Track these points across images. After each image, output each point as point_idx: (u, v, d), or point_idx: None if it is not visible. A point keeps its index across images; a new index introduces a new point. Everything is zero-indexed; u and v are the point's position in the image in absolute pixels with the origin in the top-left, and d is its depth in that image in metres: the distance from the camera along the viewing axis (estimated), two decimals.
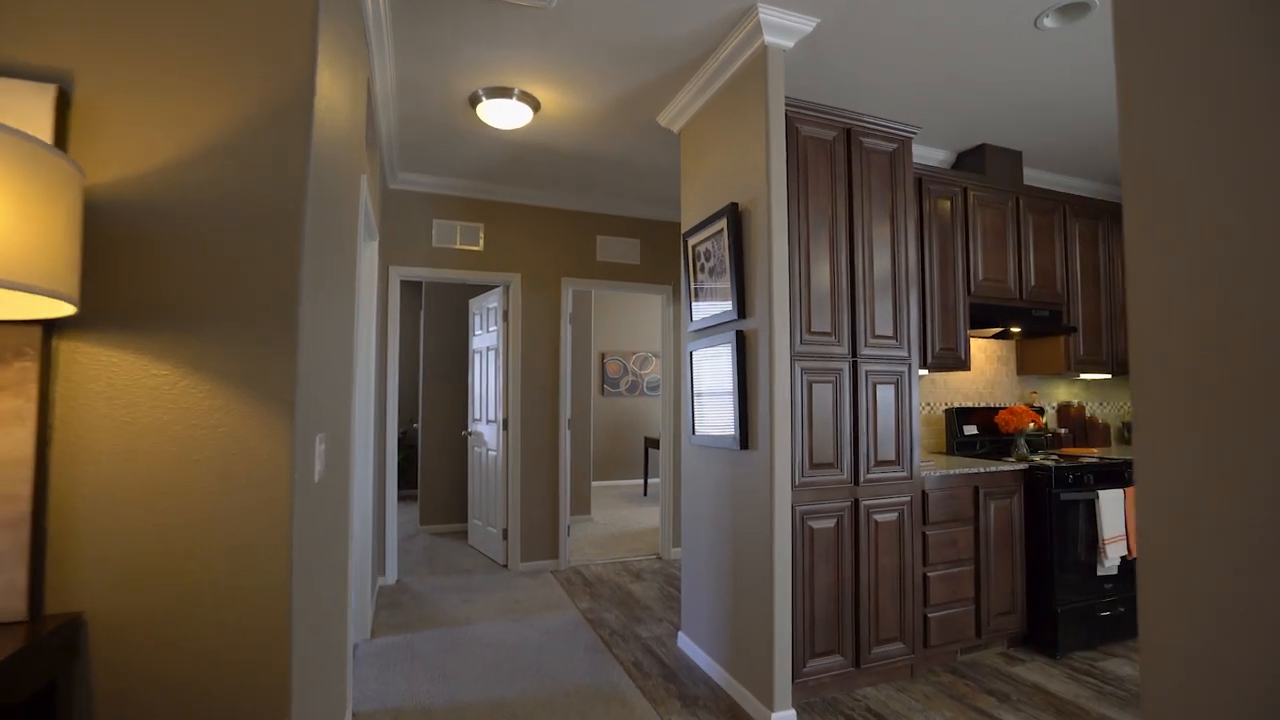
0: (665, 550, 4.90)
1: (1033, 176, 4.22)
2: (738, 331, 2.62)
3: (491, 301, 4.89)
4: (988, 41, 2.63)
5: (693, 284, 3.06)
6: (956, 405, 3.85)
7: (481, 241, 4.50)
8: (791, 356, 2.53)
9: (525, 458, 4.54)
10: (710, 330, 2.91)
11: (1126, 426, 4.43)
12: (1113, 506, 3.09)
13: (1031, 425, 3.50)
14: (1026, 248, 3.69)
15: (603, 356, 8.55)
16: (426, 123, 3.46)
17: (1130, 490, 3.17)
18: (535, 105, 3.17)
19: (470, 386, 5.32)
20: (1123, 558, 3.15)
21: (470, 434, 5.28)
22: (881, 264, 2.78)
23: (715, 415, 2.82)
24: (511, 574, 4.42)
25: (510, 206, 4.59)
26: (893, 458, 2.74)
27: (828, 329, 2.63)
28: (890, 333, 2.78)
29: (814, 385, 2.59)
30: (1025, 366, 4.08)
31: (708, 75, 2.81)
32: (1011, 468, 3.08)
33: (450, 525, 5.96)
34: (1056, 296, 3.79)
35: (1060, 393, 4.31)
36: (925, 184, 3.40)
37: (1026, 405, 3.70)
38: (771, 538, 2.40)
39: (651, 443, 7.62)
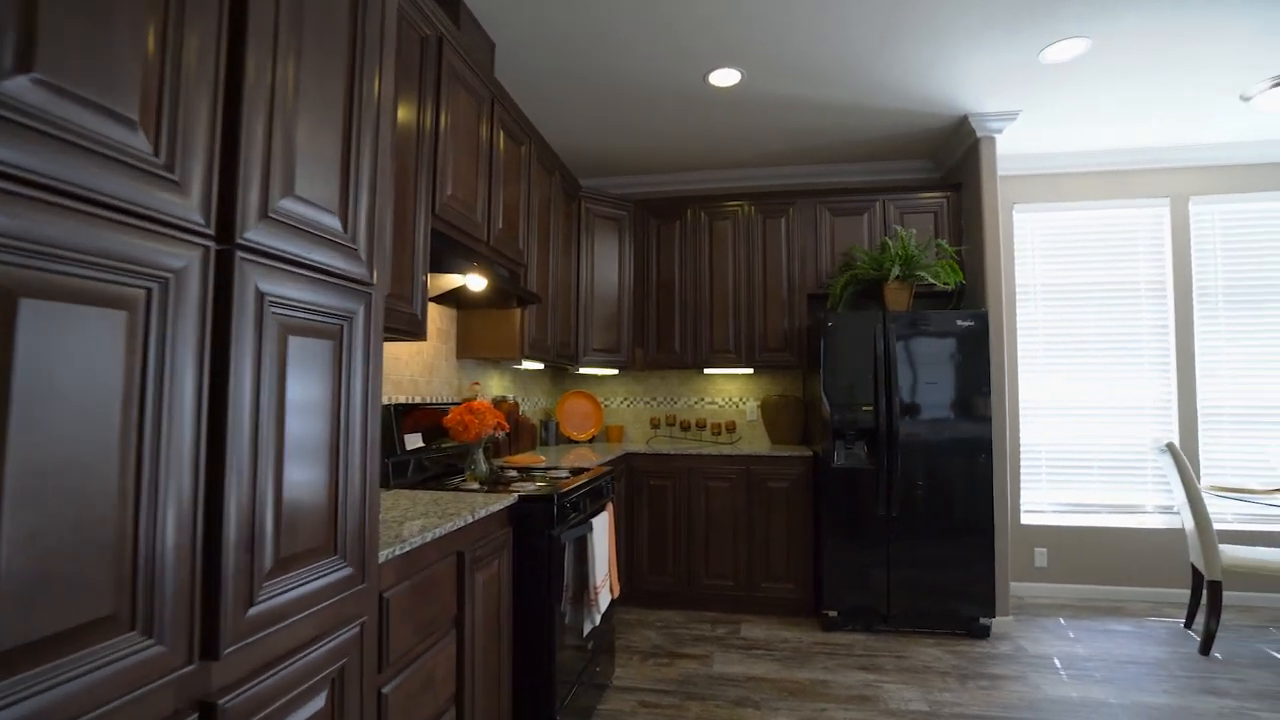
0: None
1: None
2: None
3: None
4: None
5: None
6: (395, 400, 2.38)
7: None
8: None
9: None
10: None
11: (544, 425, 3.95)
12: (602, 538, 2.26)
13: (495, 430, 2.38)
14: (498, 175, 2.59)
15: None
16: None
17: (610, 508, 2.43)
18: None
19: None
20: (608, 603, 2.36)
21: None
22: None
23: None
24: None
25: None
26: (322, 539, 1.03)
27: (129, 105, 0.71)
28: (332, 203, 1.07)
29: (60, 329, 0.62)
30: (467, 347, 2.98)
31: None
32: (502, 505, 1.83)
33: None
34: (518, 254, 2.84)
35: (494, 385, 3.42)
36: None
37: (472, 400, 2.57)
38: None
39: None
